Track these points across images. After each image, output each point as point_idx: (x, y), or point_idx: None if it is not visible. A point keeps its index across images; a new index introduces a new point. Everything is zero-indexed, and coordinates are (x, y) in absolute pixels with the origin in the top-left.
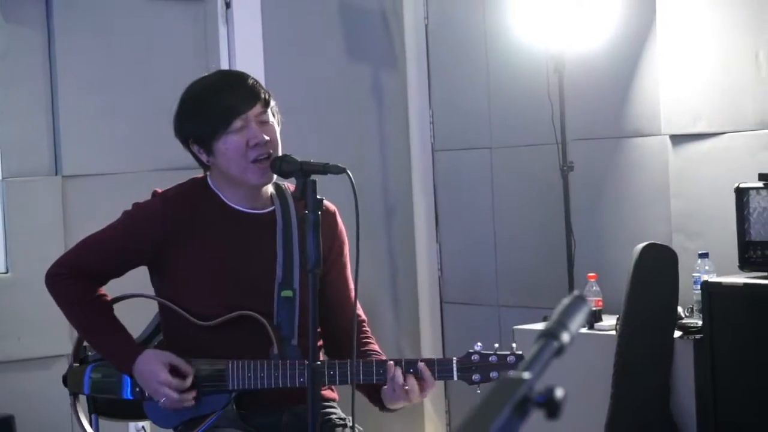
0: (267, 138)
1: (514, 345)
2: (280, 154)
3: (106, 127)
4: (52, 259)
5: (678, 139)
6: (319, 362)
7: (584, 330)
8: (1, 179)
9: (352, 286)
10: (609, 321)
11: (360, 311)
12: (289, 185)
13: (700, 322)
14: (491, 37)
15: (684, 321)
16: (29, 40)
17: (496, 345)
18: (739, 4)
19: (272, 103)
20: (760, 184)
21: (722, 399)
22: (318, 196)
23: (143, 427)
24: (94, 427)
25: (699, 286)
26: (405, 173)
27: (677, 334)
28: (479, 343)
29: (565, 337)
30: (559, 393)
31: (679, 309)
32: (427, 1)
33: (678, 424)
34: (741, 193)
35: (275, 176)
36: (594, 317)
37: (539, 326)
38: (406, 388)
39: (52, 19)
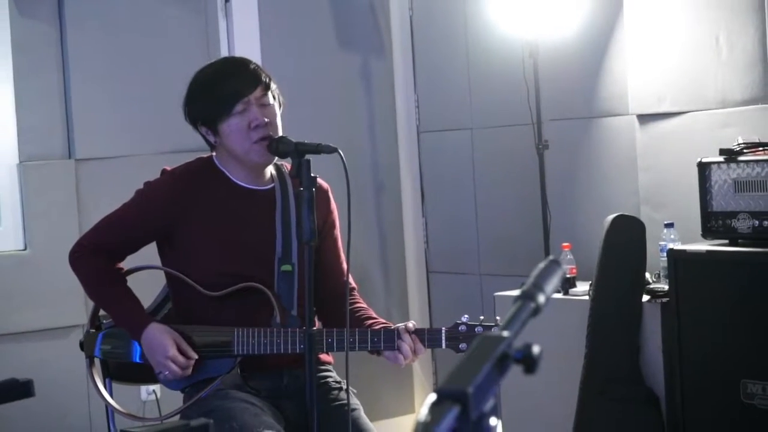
0: (267, 120)
1: (498, 318)
2: (280, 134)
3: (116, 113)
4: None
5: (645, 118)
6: (316, 329)
7: (559, 295)
8: (19, 163)
9: (344, 257)
10: (582, 287)
11: (350, 279)
12: (287, 164)
13: (666, 287)
14: (471, 26)
15: (651, 286)
16: (43, 34)
17: (482, 317)
18: None
19: (273, 86)
20: (721, 159)
21: (687, 356)
22: (312, 174)
23: (154, 390)
24: (108, 391)
25: (665, 254)
26: (392, 153)
27: (645, 297)
28: (466, 315)
29: (541, 298)
30: (536, 350)
31: (647, 275)
32: None
33: (647, 380)
34: (703, 168)
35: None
36: (568, 283)
37: (518, 292)
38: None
39: (63, 14)
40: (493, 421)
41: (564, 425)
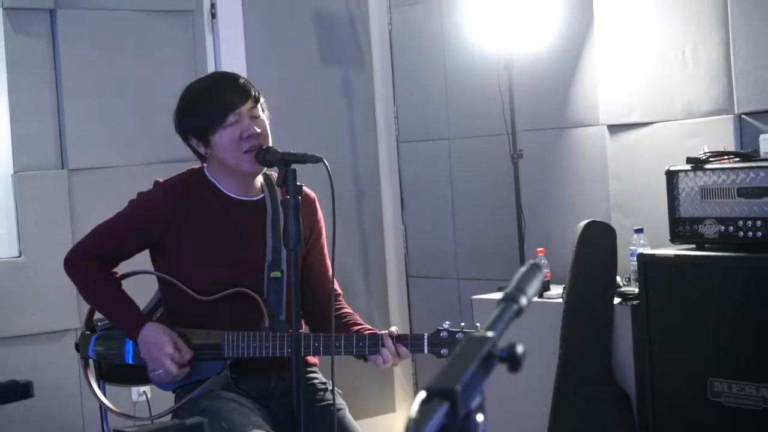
0: (258, 130)
1: (477, 324)
2: (270, 144)
3: (107, 125)
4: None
5: (615, 129)
6: (302, 331)
7: (534, 299)
8: (14, 173)
9: (329, 264)
10: (556, 290)
11: (336, 286)
12: (274, 174)
13: (636, 290)
14: (448, 41)
15: (622, 289)
16: (36, 49)
17: (463, 324)
18: (667, 8)
19: (262, 100)
20: (688, 167)
21: (657, 357)
22: (298, 183)
23: (144, 391)
24: (101, 392)
25: (635, 258)
26: (373, 162)
27: (617, 300)
28: (447, 321)
29: (523, 300)
30: (519, 349)
31: (618, 278)
32: (390, 9)
33: (619, 380)
34: (671, 176)
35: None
36: (543, 287)
37: (494, 296)
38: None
39: (56, 30)
40: (479, 417)
41: (540, 424)
